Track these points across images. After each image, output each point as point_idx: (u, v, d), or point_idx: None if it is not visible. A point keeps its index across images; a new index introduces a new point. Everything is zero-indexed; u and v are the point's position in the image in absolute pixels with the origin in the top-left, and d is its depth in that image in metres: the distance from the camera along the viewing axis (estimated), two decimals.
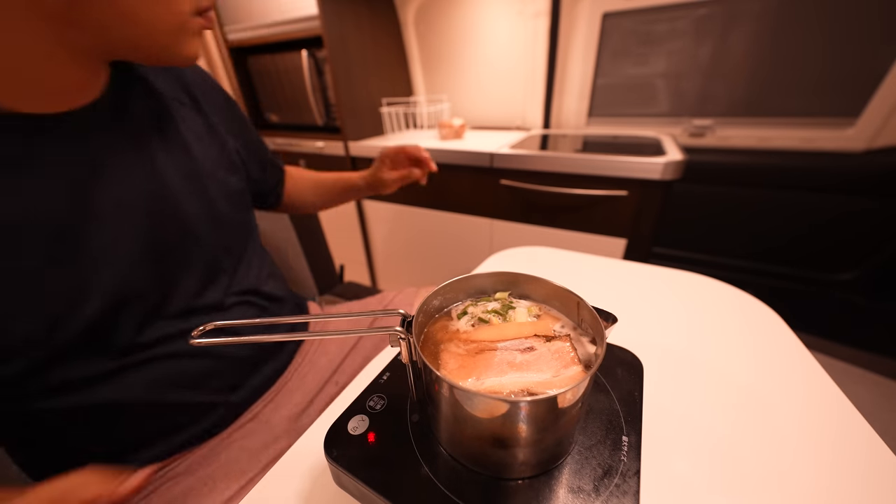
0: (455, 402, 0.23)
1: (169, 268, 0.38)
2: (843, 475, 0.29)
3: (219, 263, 0.44)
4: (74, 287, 0.31)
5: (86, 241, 0.32)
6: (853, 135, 1.14)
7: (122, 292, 0.34)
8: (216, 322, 0.28)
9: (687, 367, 0.40)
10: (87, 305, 0.32)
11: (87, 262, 0.32)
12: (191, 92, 0.44)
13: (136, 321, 0.36)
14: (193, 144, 0.42)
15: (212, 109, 0.46)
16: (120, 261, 0.34)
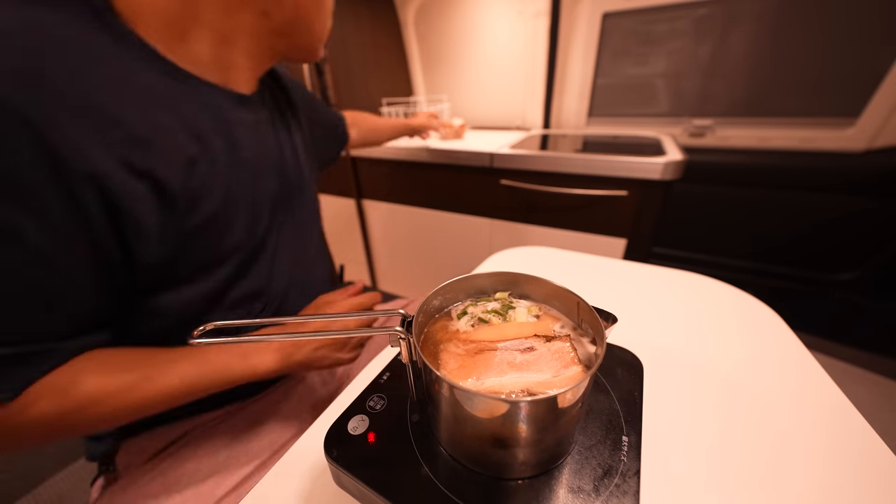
0: (455, 402, 0.23)
1: (277, 216, 0.47)
2: (843, 475, 0.29)
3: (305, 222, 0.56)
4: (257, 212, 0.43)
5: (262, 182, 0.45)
6: (853, 135, 1.14)
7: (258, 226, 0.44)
8: (216, 322, 0.29)
9: (687, 367, 0.40)
10: (259, 225, 0.44)
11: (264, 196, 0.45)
12: (285, 88, 0.55)
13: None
14: (291, 126, 0.54)
15: (297, 103, 0.58)
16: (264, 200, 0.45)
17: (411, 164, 1.28)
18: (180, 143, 0.34)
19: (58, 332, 0.31)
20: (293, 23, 0.40)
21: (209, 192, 0.36)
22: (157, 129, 0.32)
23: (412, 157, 1.27)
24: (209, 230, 0.37)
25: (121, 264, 0.33)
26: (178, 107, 0.34)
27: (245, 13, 0.36)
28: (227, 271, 0.40)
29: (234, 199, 0.39)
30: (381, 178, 1.40)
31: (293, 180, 0.51)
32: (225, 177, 0.38)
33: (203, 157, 0.36)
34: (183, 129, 0.34)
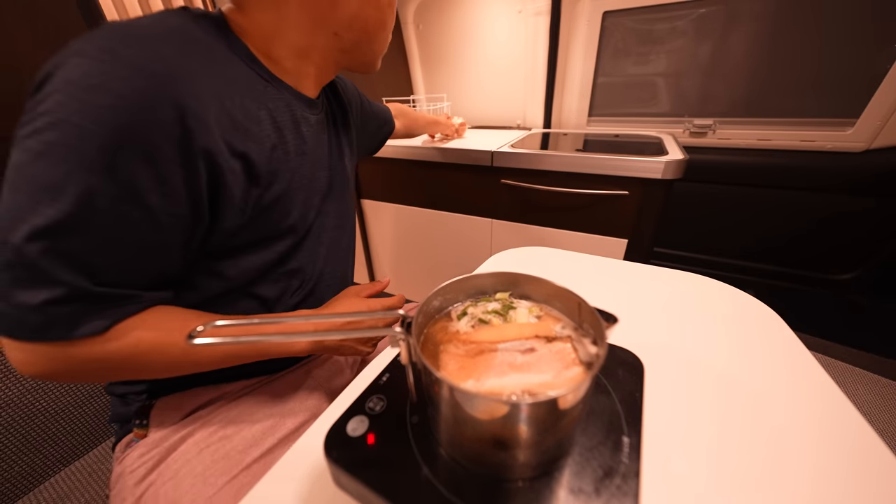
0: (455, 403, 0.23)
1: (323, 206, 0.53)
2: (842, 475, 0.29)
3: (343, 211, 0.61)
4: (310, 199, 0.50)
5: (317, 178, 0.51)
6: (853, 135, 1.14)
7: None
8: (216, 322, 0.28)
9: (687, 368, 0.40)
10: (311, 211, 0.50)
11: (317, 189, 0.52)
12: (339, 96, 0.61)
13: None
14: (341, 129, 0.59)
15: (350, 105, 0.64)
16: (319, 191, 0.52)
17: (411, 163, 1.28)
18: (267, 132, 0.41)
19: (144, 282, 0.36)
20: (359, 43, 0.46)
21: (280, 176, 0.43)
22: (252, 119, 0.39)
23: (412, 157, 1.27)
24: (276, 208, 0.43)
25: (206, 228, 0.39)
26: (267, 103, 0.41)
27: (320, 34, 0.43)
28: (280, 248, 0.46)
29: (296, 184, 0.46)
30: (380, 177, 1.40)
31: (338, 177, 0.56)
32: (292, 164, 0.45)
33: (280, 145, 0.43)
34: (269, 121, 0.41)
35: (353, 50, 0.46)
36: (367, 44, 0.47)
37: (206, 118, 0.34)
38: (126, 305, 0.35)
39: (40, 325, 0.31)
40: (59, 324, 0.32)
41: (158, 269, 0.37)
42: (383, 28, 0.47)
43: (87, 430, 0.65)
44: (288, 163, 0.44)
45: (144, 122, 0.31)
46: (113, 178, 0.31)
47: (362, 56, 0.48)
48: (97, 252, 0.32)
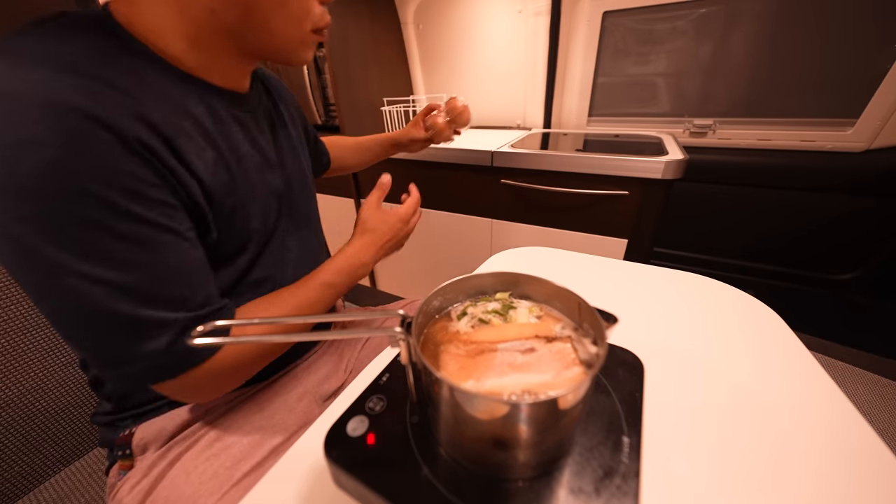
0: (455, 403, 0.23)
1: (283, 208, 0.50)
2: (842, 475, 0.29)
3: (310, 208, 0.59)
4: (266, 204, 0.47)
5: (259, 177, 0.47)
6: (853, 135, 1.14)
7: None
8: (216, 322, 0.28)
9: (687, 368, 0.40)
10: (270, 216, 0.48)
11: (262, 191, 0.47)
12: (269, 90, 0.57)
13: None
14: (286, 122, 0.56)
15: (284, 103, 0.60)
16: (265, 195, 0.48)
17: (411, 163, 1.28)
18: (200, 144, 0.37)
19: (219, 293, 0.39)
20: (246, 22, 0.37)
21: (229, 187, 0.40)
22: (181, 133, 0.35)
23: (412, 157, 1.27)
24: (234, 220, 0.42)
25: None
26: (191, 110, 0.37)
27: (197, 13, 0.35)
28: (243, 261, 0.45)
29: (247, 192, 0.43)
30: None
31: (294, 174, 0.53)
32: (238, 172, 0.42)
33: (218, 154, 0.39)
34: (199, 132, 0.37)
35: (245, 32, 0.38)
36: (261, 24, 0.37)
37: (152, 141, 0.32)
38: (226, 314, 0.38)
39: (180, 361, 0.35)
40: (191, 353, 0.35)
41: (213, 281, 0.39)
42: (279, 6, 0.37)
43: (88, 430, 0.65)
44: (231, 171, 0.40)
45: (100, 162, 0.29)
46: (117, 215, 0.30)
47: (264, 41, 0.39)
48: (172, 283, 0.34)
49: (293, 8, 0.37)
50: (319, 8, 0.40)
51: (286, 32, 0.39)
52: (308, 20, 0.39)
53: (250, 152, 0.44)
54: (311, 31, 0.40)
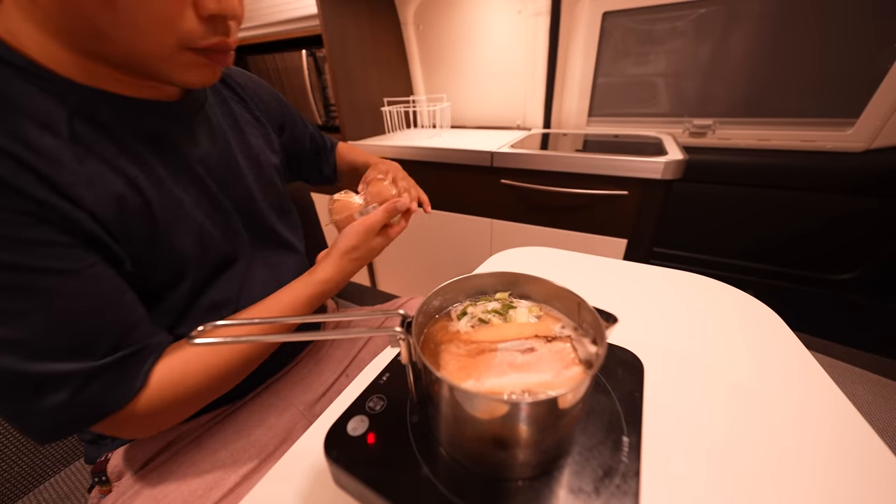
0: (455, 402, 0.23)
1: (233, 227, 0.46)
2: (842, 475, 0.29)
3: (271, 224, 0.53)
4: (206, 228, 0.42)
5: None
6: (853, 135, 1.14)
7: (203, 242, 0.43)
8: (216, 322, 0.28)
9: (687, 368, 0.40)
10: (212, 238, 0.43)
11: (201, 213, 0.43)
12: (235, 90, 0.53)
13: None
14: (246, 131, 0.51)
15: (255, 106, 0.55)
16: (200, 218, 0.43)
17: (410, 163, 1.28)
18: (88, 168, 0.32)
19: (141, 333, 0.35)
20: (70, 18, 0.29)
21: (137, 214, 0.35)
22: (55, 161, 0.30)
23: (411, 157, 1.27)
24: (158, 246, 0.37)
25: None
26: (79, 132, 0.32)
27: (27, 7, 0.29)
28: (190, 283, 0.41)
29: (169, 214, 0.38)
30: None
31: (251, 186, 0.49)
32: (151, 195, 0.36)
33: (119, 179, 0.34)
34: (85, 155, 0.32)
35: (81, 38, 0.30)
36: (93, 28, 0.29)
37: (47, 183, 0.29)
38: (146, 356, 0.35)
39: (86, 416, 0.32)
40: (99, 404, 0.32)
41: (142, 316, 0.36)
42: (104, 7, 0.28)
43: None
44: (144, 195, 0.36)
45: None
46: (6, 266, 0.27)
47: (112, 51, 0.31)
48: (65, 332, 0.30)
49: (131, 13, 0.28)
50: (196, 24, 0.31)
51: (134, 44, 0.30)
52: (170, 34, 0.30)
53: (177, 169, 0.39)
54: (182, 48, 0.32)
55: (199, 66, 0.34)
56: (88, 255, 0.31)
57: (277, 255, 0.54)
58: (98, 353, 0.31)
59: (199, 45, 0.32)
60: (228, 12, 0.32)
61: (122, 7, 0.28)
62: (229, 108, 0.50)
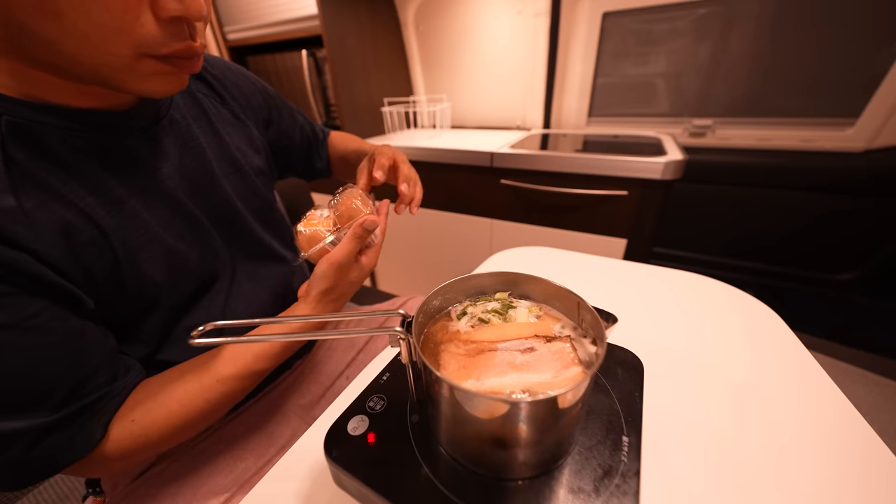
0: (455, 402, 0.23)
1: (211, 245, 0.43)
2: (842, 475, 0.29)
3: (254, 232, 0.49)
4: (179, 250, 0.39)
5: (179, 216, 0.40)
6: (853, 135, 1.14)
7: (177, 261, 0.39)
8: (216, 322, 0.28)
9: (687, 367, 0.40)
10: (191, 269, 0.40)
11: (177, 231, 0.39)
12: (211, 84, 0.48)
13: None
14: (223, 131, 0.47)
15: (235, 102, 0.51)
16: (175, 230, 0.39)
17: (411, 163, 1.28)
18: (25, 203, 0.28)
19: (101, 379, 0.32)
20: (9, 28, 0.24)
21: (89, 247, 0.32)
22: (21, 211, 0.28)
23: (412, 157, 1.27)
24: (121, 276, 0.34)
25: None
26: (16, 160, 0.28)
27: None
28: (166, 310, 0.39)
29: (131, 240, 0.35)
30: None
31: (230, 192, 0.45)
32: (105, 223, 0.33)
33: (65, 209, 0.31)
34: (21, 186, 0.29)
35: (12, 38, 0.25)
36: (19, 28, 0.24)
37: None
38: (103, 406, 0.32)
39: (43, 469, 0.30)
40: (57, 457, 0.30)
41: (103, 360, 0.33)
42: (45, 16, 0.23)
43: None
44: (97, 224, 0.32)
45: None
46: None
47: (45, 53, 0.26)
48: (8, 390, 0.28)
49: (78, 23, 0.24)
50: (155, 29, 0.27)
51: (83, 55, 0.26)
52: (125, 42, 0.26)
53: (142, 188, 0.36)
54: (141, 55, 0.28)
55: (161, 75, 0.30)
56: (33, 303, 0.28)
57: (264, 267, 0.50)
58: (49, 407, 0.29)
59: (160, 52, 0.28)
60: (193, 13, 0.27)
61: (67, 15, 0.23)
62: (201, 108, 0.45)
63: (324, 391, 0.55)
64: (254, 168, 0.50)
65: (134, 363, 0.37)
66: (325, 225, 0.42)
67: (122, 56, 0.27)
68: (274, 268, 0.52)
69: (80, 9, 0.24)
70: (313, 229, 0.42)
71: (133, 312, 0.37)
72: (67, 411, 0.30)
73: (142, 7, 0.26)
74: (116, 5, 0.25)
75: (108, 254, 0.33)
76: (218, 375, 0.37)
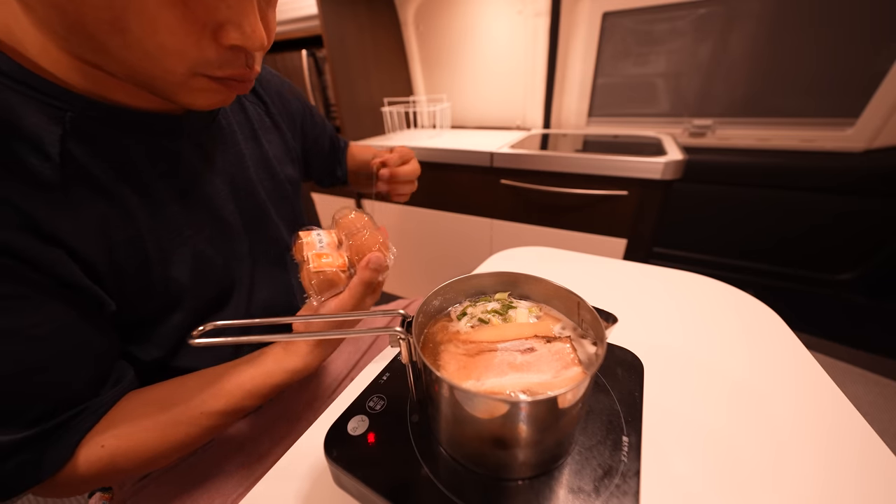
0: (455, 402, 0.23)
1: (237, 251, 0.43)
2: (842, 475, 0.29)
3: (281, 240, 0.50)
4: (208, 255, 0.39)
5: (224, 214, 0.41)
6: (853, 135, 1.14)
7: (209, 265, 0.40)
8: (216, 322, 0.29)
9: (687, 367, 0.40)
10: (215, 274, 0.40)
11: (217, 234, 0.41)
12: (260, 95, 0.50)
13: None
14: (264, 138, 0.48)
15: (276, 110, 0.53)
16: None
17: None
18: (74, 196, 0.29)
19: (82, 394, 0.31)
20: (74, 34, 0.25)
21: (127, 245, 0.33)
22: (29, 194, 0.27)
23: None
24: (150, 278, 0.35)
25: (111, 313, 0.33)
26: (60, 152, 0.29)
27: (30, 16, 0.26)
28: (182, 317, 0.38)
29: (166, 242, 0.35)
30: None
31: (264, 199, 0.47)
32: (144, 224, 0.34)
33: (110, 209, 0.31)
34: (71, 179, 0.29)
35: (80, 45, 0.26)
36: (86, 35, 0.25)
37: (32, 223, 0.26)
38: (79, 423, 0.30)
39: (4, 488, 0.28)
40: (23, 476, 0.28)
41: (97, 371, 0.32)
42: (112, 30, 0.24)
43: None
44: (136, 225, 0.33)
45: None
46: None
47: (119, 69, 0.27)
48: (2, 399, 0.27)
49: (142, 41, 0.25)
50: (214, 54, 0.28)
51: (142, 67, 0.27)
52: (182, 62, 0.27)
53: (183, 192, 0.37)
54: (195, 74, 0.28)
55: (210, 91, 0.31)
56: (44, 309, 0.28)
57: (285, 274, 0.51)
58: (27, 421, 0.28)
59: (214, 73, 0.29)
60: (254, 45, 0.28)
61: (133, 32, 0.24)
62: (246, 115, 0.46)
63: (329, 394, 0.55)
64: (287, 176, 0.52)
65: (127, 373, 0.35)
66: (334, 257, 0.38)
67: (177, 73, 0.28)
68: (292, 275, 0.53)
69: (148, 29, 0.24)
70: (329, 269, 0.37)
71: (153, 314, 0.37)
72: (43, 427, 0.28)
73: (204, 33, 0.26)
74: (182, 30, 0.25)
75: (142, 254, 0.34)
76: (205, 408, 0.35)
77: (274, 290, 0.48)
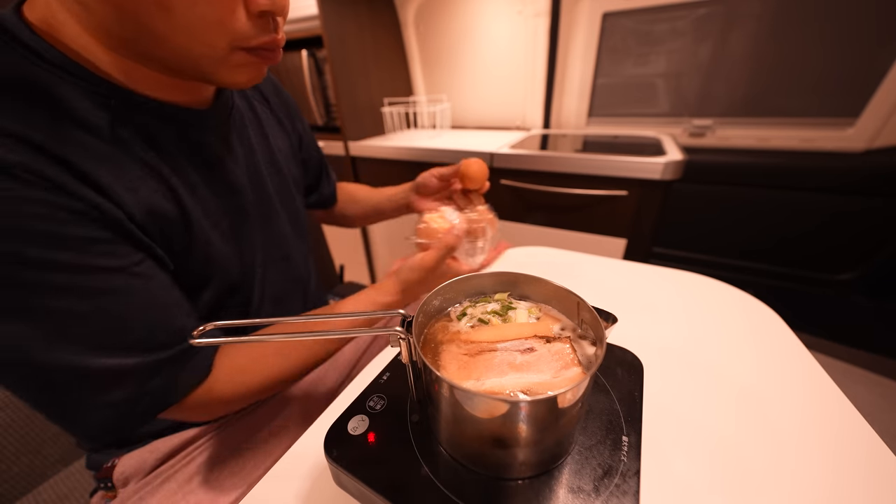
0: (455, 402, 0.23)
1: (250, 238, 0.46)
2: (842, 475, 0.29)
3: (286, 236, 0.53)
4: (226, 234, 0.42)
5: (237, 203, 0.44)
6: (853, 135, 1.14)
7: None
8: (216, 322, 0.29)
9: (687, 367, 0.40)
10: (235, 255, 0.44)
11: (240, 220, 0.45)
12: (263, 93, 0.53)
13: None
14: (270, 134, 0.51)
15: (279, 109, 0.55)
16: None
17: (411, 163, 1.28)
18: (131, 174, 0.32)
19: (192, 324, 0.36)
20: (124, 23, 0.28)
21: (174, 221, 0.36)
22: (96, 165, 0.30)
23: (411, 157, 1.27)
24: (189, 258, 0.38)
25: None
26: (121, 136, 0.32)
27: (75, 7, 0.29)
28: (212, 293, 0.42)
29: (204, 225, 0.39)
30: (380, 177, 1.40)
31: (272, 192, 0.49)
32: (188, 204, 0.37)
33: (158, 186, 0.35)
34: (126, 159, 0.32)
35: (135, 41, 0.30)
36: (145, 31, 0.28)
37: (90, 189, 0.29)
38: (204, 349, 0.36)
39: (149, 408, 0.33)
40: (162, 396, 0.33)
41: (190, 311, 0.37)
42: (158, 9, 0.27)
43: None
44: (181, 204, 0.36)
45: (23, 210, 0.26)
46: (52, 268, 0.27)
47: (164, 54, 0.31)
48: (122, 329, 0.31)
49: (186, 16, 0.28)
50: (247, 23, 0.31)
51: (188, 48, 0.30)
52: (223, 35, 0.30)
53: (210, 178, 0.40)
54: (234, 48, 0.31)
55: (248, 66, 0.34)
56: (134, 253, 0.32)
57: (290, 269, 0.54)
58: (159, 346, 0.33)
59: (250, 44, 0.32)
60: (279, 8, 0.32)
61: (177, 11, 0.27)
62: (254, 112, 0.50)
63: (329, 394, 0.55)
64: (291, 175, 0.54)
65: None
66: (444, 223, 0.55)
67: (219, 48, 0.31)
68: (295, 272, 0.55)
69: (188, 2, 0.27)
70: (435, 225, 0.55)
71: (186, 291, 0.39)
72: (175, 350, 0.33)
73: (237, 2, 0.30)
74: (218, 1, 0.29)
75: (187, 231, 0.37)
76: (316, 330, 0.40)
77: (282, 283, 0.51)
